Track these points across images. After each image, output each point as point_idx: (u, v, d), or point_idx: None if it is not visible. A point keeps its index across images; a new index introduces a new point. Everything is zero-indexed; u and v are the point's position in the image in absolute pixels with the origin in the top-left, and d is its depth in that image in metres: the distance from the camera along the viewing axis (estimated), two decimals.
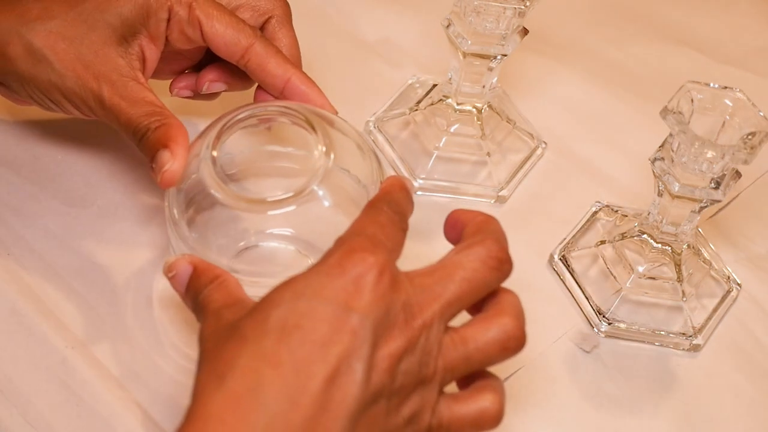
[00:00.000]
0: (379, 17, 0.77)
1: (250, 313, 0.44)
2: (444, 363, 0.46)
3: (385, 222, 0.47)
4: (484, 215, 0.50)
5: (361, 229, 0.46)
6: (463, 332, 0.47)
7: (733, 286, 0.65)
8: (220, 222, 0.58)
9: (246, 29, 0.58)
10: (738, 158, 0.54)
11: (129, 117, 0.55)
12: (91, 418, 0.54)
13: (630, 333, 0.62)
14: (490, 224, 0.49)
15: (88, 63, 0.56)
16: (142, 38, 0.57)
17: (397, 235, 0.48)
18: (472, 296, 0.47)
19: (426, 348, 0.45)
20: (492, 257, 0.47)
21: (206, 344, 0.45)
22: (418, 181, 0.67)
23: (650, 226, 0.61)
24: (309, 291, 0.44)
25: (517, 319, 0.48)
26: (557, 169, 0.70)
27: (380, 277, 0.44)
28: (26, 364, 0.56)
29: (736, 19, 0.82)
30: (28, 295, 0.59)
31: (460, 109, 0.67)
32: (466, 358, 0.46)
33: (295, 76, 0.59)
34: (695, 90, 0.56)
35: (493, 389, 0.48)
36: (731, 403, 0.60)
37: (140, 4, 0.57)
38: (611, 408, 0.59)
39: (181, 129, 0.55)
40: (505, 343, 0.47)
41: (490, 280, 0.47)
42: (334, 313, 0.43)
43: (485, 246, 0.47)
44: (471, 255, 0.47)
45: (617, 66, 0.77)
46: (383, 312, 0.44)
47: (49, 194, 0.63)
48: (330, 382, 0.42)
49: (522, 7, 0.60)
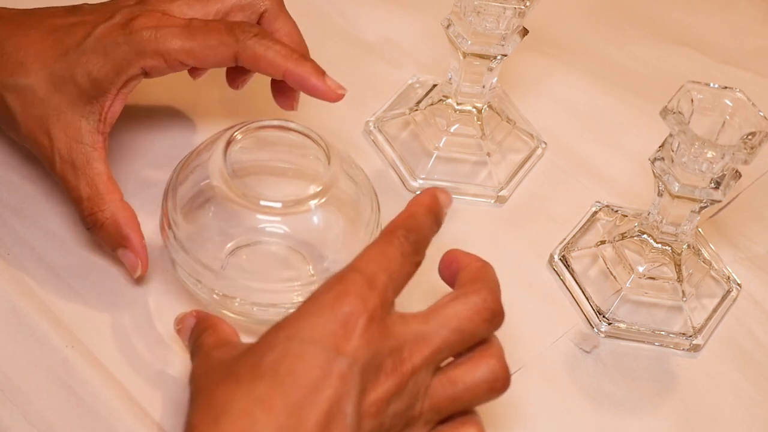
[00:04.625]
0: (379, 17, 0.77)
1: (245, 354, 0.45)
2: (431, 403, 0.47)
3: (393, 256, 0.47)
4: (481, 261, 0.51)
5: (364, 264, 0.46)
6: (451, 374, 0.48)
7: (733, 286, 0.65)
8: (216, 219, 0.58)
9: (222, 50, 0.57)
10: (738, 158, 0.54)
11: (74, 195, 0.58)
12: (91, 418, 0.54)
13: (630, 333, 0.62)
14: (486, 273, 0.50)
15: (48, 127, 0.57)
16: (109, 96, 0.57)
17: (405, 270, 0.48)
18: (462, 345, 0.48)
19: (413, 391, 0.46)
20: (487, 309, 0.48)
21: (198, 383, 0.46)
22: (418, 181, 0.67)
23: (650, 226, 0.61)
24: (300, 334, 0.44)
25: (501, 360, 0.49)
26: (557, 169, 0.70)
27: (369, 324, 0.44)
28: (26, 364, 0.56)
29: (736, 19, 0.82)
30: (28, 295, 0.59)
31: (460, 109, 0.67)
32: (454, 399, 0.47)
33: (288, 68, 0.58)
34: (695, 90, 0.56)
35: (474, 423, 0.49)
36: (731, 403, 0.60)
37: (110, 61, 0.56)
38: (611, 408, 0.59)
39: (123, 214, 0.57)
40: (492, 384, 0.48)
41: (482, 331, 0.48)
42: (324, 356, 0.43)
43: (481, 297, 0.48)
44: (467, 304, 0.47)
45: (617, 66, 0.77)
46: (371, 357, 0.44)
47: (49, 194, 0.63)
48: (323, 426, 0.42)
49: (522, 7, 0.60)
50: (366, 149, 0.69)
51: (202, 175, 0.57)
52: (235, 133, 0.57)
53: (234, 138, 0.57)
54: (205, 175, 0.56)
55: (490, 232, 0.66)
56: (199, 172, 0.57)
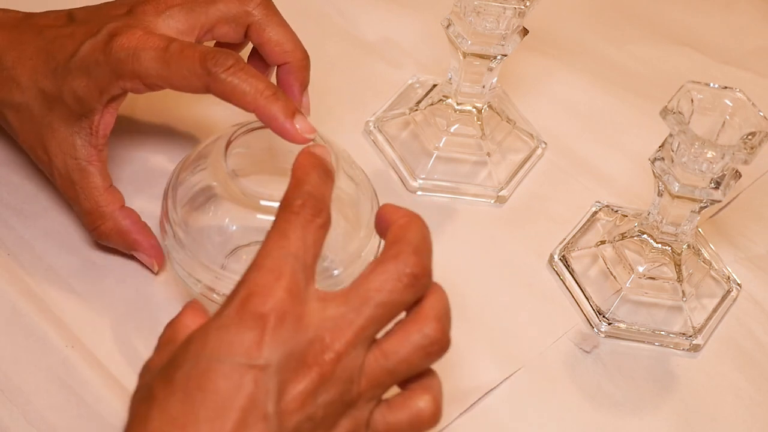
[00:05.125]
0: (379, 17, 0.77)
1: (160, 371, 0.44)
2: (368, 380, 0.45)
3: (294, 234, 0.45)
4: (407, 217, 0.48)
5: (264, 258, 0.45)
6: (384, 346, 0.46)
7: (733, 286, 0.65)
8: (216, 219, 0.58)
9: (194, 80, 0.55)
10: (738, 158, 0.54)
11: (76, 209, 0.60)
12: (91, 418, 0.54)
13: (630, 333, 0.62)
14: (409, 230, 0.47)
15: (45, 144, 0.58)
16: (96, 113, 0.57)
17: (311, 240, 0.46)
18: (388, 317, 0.46)
19: (344, 375, 0.44)
20: (407, 274, 0.45)
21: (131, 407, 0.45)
22: (418, 181, 0.67)
23: (650, 226, 0.61)
24: (208, 349, 0.43)
25: (438, 321, 0.46)
26: (557, 169, 0.70)
27: (279, 322, 0.43)
28: (26, 364, 0.56)
29: (736, 19, 0.82)
30: (28, 295, 0.59)
31: (460, 109, 0.67)
32: (390, 372, 0.46)
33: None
34: (695, 90, 0.56)
35: (427, 389, 0.47)
36: (731, 403, 0.60)
37: (93, 81, 0.56)
38: (611, 408, 0.59)
39: (125, 222, 0.59)
40: (427, 349, 0.46)
41: (407, 299, 0.46)
42: (233, 368, 0.42)
43: (401, 261, 0.46)
44: (386, 273, 0.45)
45: (617, 66, 0.77)
46: (286, 354, 0.43)
47: (49, 194, 0.63)
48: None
49: (522, 7, 0.60)
50: (366, 149, 0.69)
51: (202, 175, 0.57)
52: (235, 133, 0.57)
53: (234, 138, 0.57)
54: (205, 175, 0.57)
55: (490, 232, 0.66)
56: (199, 172, 0.57)
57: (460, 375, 0.59)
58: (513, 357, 0.60)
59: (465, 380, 0.59)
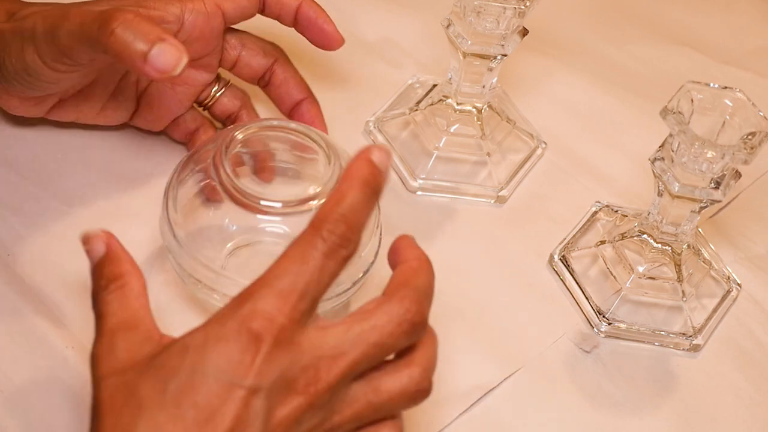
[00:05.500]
0: (379, 17, 0.77)
1: (149, 372, 0.44)
2: (351, 412, 0.46)
3: (314, 260, 0.44)
4: (419, 261, 0.48)
5: (276, 276, 0.44)
6: (374, 383, 0.46)
7: (733, 286, 0.65)
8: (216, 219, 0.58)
9: None
10: (738, 158, 0.54)
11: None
12: None
13: (630, 333, 0.62)
14: (419, 276, 0.47)
15: None
16: None
17: (328, 272, 0.44)
18: (381, 356, 0.46)
19: (330, 404, 0.45)
20: (407, 321, 0.46)
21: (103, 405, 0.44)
22: (418, 181, 0.67)
23: (650, 226, 0.61)
24: (204, 364, 0.43)
25: (426, 370, 0.47)
26: (557, 169, 0.70)
27: (275, 346, 0.43)
28: (26, 364, 0.56)
29: (736, 19, 0.82)
30: (28, 295, 0.59)
31: (460, 109, 0.67)
32: (376, 409, 0.46)
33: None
34: (695, 90, 0.56)
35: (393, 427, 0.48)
36: (731, 403, 0.60)
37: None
38: (611, 408, 0.59)
39: None
40: (413, 395, 0.47)
41: (402, 343, 0.46)
42: (226, 388, 0.42)
43: (403, 307, 0.46)
44: (388, 315, 0.45)
45: (617, 66, 0.77)
46: (278, 377, 0.43)
47: (49, 194, 0.63)
48: None
49: (522, 7, 0.60)
50: None
51: (202, 175, 0.57)
52: (235, 133, 0.57)
53: (234, 138, 0.57)
54: (205, 175, 0.57)
55: (490, 232, 0.66)
56: (199, 172, 0.57)
57: (460, 375, 0.59)
58: (513, 357, 0.60)
59: (465, 380, 0.59)
